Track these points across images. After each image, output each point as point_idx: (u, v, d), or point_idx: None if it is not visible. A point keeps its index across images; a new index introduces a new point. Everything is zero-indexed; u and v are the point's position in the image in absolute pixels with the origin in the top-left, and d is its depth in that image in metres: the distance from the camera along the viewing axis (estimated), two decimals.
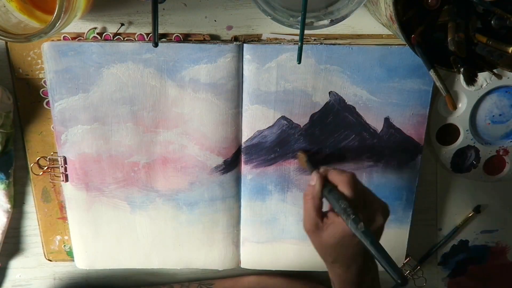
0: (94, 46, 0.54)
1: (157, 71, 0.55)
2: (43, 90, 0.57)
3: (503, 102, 0.59)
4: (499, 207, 0.65)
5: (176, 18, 0.54)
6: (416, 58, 0.51)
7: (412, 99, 0.57)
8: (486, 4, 0.43)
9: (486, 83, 0.57)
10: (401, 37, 0.44)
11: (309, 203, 0.48)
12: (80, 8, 0.46)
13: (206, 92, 0.56)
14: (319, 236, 0.48)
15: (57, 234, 0.64)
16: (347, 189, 0.47)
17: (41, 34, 0.43)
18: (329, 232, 0.47)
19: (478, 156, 0.62)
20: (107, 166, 0.59)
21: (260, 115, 0.57)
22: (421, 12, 0.45)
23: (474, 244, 0.68)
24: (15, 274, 0.67)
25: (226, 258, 0.65)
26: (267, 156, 0.60)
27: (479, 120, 0.60)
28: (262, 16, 0.53)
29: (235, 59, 0.54)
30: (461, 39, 0.42)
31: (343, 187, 0.48)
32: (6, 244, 0.65)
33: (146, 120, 0.57)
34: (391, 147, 0.59)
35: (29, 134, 0.59)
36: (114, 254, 0.64)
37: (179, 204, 0.62)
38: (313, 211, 0.48)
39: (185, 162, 0.59)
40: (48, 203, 0.62)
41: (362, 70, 0.55)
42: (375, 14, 0.51)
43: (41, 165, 0.60)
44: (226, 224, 0.63)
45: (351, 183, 0.47)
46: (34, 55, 0.55)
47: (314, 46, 0.54)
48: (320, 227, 0.48)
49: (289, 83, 0.56)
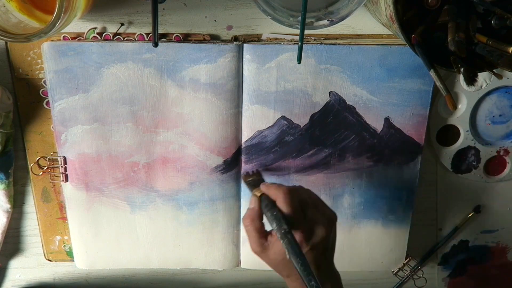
0: (94, 46, 0.54)
1: (157, 71, 0.55)
2: (43, 90, 0.57)
3: (503, 103, 0.59)
4: (499, 207, 0.65)
5: (176, 18, 0.54)
6: (416, 58, 0.51)
7: (412, 99, 0.57)
8: (486, 4, 0.43)
9: (486, 83, 0.57)
10: (401, 37, 0.44)
11: (250, 225, 0.49)
12: (80, 8, 0.46)
13: (206, 92, 0.56)
14: (267, 255, 0.49)
15: (57, 234, 0.64)
16: (282, 204, 0.48)
17: (41, 34, 0.42)
18: (274, 249, 0.48)
19: (479, 157, 0.62)
20: (107, 166, 0.59)
21: (260, 115, 0.57)
22: (421, 12, 0.45)
23: (474, 244, 0.68)
24: (15, 274, 0.67)
25: (226, 258, 0.65)
26: (267, 156, 0.60)
27: (479, 121, 0.60)
28: (262, 16, 0.53)
29: (235, 59, 0.54)
30: (461, 39, 0.42)
31: (280, 202, 0.48)
32: (6, 244, 0.65)
33: (146, 120, 0.57)
34: (391, 147, 0.59)
35: (29, 134, 0.59)
36: (114, 254, 0.64)
37: (179, 204, 0.62)
38: (256, 232, 0.49)
39: (185, 162, 0.59)
40: (48, 203, 0.62)
41: (362, 70, 0.55)
42: (375, 14, 0.51)
43: (41, 165, 0.60)
44: (226, 224, 0.63)
45: (286, 198, 0.48)
46: (34, 55, 0.55)
47: (314, 46, 0.54)
48: (266, 246, 0.49)
49: (289, 83, 0.56)
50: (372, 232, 0.64)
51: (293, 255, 0.44)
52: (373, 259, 0.65)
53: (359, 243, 0.64)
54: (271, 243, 0.48)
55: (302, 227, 0.47)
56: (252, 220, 0.49)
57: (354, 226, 0.63)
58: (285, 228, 0.46)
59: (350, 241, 0.64)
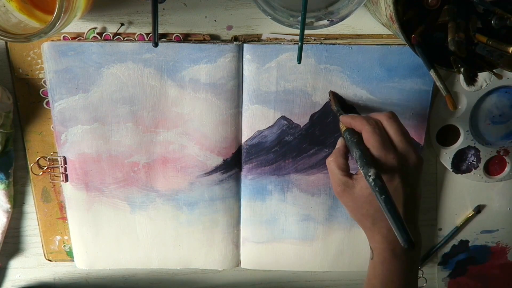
0: (94, 46, 0.54)
1: (157, 71, 0.55)
2: (43, 90, 0.57)
3: (503, 103, 0.59)
4: (499, 207, 0.65)
5: (176, 18, 0.54)
6: (416, 58, 0.51)
7: (412, 99, 0.57)
8: (486, 4, 0.43)
9: (486, 84, 0.57)
10: (401, 37, 0.44)
11: (332, 163, 0.47)
12: (80, 8, 0.46)
13: (206, 92, 0.56)
14: (351, 193, 0.45)
15: (57, 234, 0.64)
16: (368, 137, 0.44)
17: (41, 34, 0.43)
18: (362, 184, 0.45)
19: (479, 157, 0.62)
20: (107, 166, 0.59)
21: (260, 115, 0.57)
22: (421, 12, 0.45)
23: (474, 244, 0.67)
24: (15, 274, 0.67)
25: (226, 258, 0.65)
26: (267, 156, 0.60)
27: (479, 121, 0.60)
28: (262, 16, 0.53)
29: (235, 59, 0.54)
30: (461, 39, 0.42)
31: (365, 134, 0.45)
32: (6, 244, 0.65)
33: (146, 120, 0.57)
34: None
35: (29, 134, 0.59)
36: (114, 254, 0.64)
37: (179, 204, 0.62)
38: (338, 170, 0.46)
39: (185, 162, 0.59)
40: (48, 203, 0.62)
41: (362, 70, 0.55)
42: (375, 14, 0.51)
43: (41, 165, 0.60)
44: (226, 224, 0.63)
45: (372, 130, 0.44)
46: (34, 55, 0.55)
47: (314, 46, 0.54)
48: (350, 184, 0.45)
49: (289, 83, 0.56)
50: None
51: (383, 202, 0.40)
52: None
53: (359, 243, 0.64)
54: (355, 180, 0.45)
55: (392, 158, 0.43)
56: (336, 157, 0.47)
57: (354, 226, 0.63)
58: (374, 172, 0.42)
59: (350, 241, 0.64)
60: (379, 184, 0.41)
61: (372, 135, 0.45)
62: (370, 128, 0.45)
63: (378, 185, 0.41)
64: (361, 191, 0.45)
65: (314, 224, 0.63)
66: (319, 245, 0.64)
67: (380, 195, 0.41)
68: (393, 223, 0.39)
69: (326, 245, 0.64)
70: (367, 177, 0.42)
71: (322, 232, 0.63)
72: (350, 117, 0.48)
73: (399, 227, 0.39)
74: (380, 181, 0.42)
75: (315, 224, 0.63)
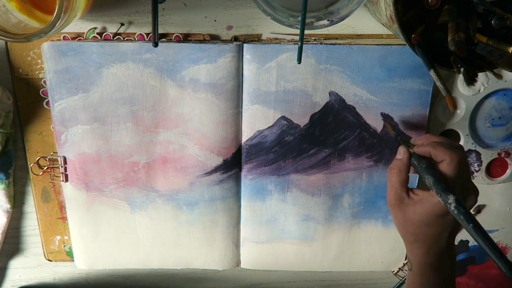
0: (94, 46, 0.54)
1: (157, 71, 0.55)
2: (43, 90, 0.57)
3: (502, 105, 0.59)
4: (499, 207, 0.65)
5: (176, 18, 0.54)
6: (416, 58, 0.51)
7: (412, 99, 0.57)
8: (486, 4, 0.43)
9: (484, 87, 0.57)
10: (401, 37, 0.44)
11: (395, 176, 0.47)
12: (80, 8, 0.46)
13: (206, 92, 0.56)
14: (404, 211, 0.47)
15: (57, 234, 0.64)
16: (450, 170, 0.45)
17: (41, 34, 0.43)
18: (415, 208, 0.46)
19: (480, 160, 0.62)
20: (107, 166, 0.59)
21: (260, 115, 0.57)
22: (421, 12, 0.45)
23: (474, 244, 0.67)
24: (15, 274, 0.67)
25: (226, 258, 0.65)
26: (267, 156, 0.60)
27: (478, 124, 0.60)
28: (262, 16, 0.53)
29: (235, 59, 0.54)
30: (461, 39, 0.42)
31: (446, 166, 0.45)
32: (6, 244, 0.65)
33: (146, 120, 0.57)
34: (391, 147, 0.59)
35: (29, 134, 0.59)
36: (114, 254, 0.64)
37: (179, 204, 0.62)
38: (399, 185, 0.47)
39: (185, 162, 0.59)
40: (48, 203, 0.62)
41: (362, 70, 0.55)
42: (375, 14, 0.51)
43: (41, 165, 0.60)
44: (226, 224, 0.63)
45: (457, 164, 0.45)
46: (34, 55, 0.55)
47: (314, 46, 0.54)
48: (406, 202, 0.47)
49: (289, 83, 0.56)
50: (372, 232, 0.64)
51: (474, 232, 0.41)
52: (373, 259, 0.65)
53: (359, 243, 0.64)
54: (412, 200, 0.46)
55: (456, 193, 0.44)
56: (399, 171, 0.47)
57: (354, 226, 0.63)
58: (454, 199, 0.42)
59: (350, 241, 0.64)
60: (463, 211, 0.42)
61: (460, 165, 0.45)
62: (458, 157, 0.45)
63: (462, 213, 0.42)
64: (414, 215, 0.46)
65: (314, 224, 0.63)
66: (319, 245, 0.64)
67: (468, 223, 0.42)
68: (492, 255, 0.40)
69: (326, 245, 0.64)
70: (447, 204, 0.43)
71: (322, 232, 0.63)
72: (431, 147, 0.47)
73: (498, 258, 0.40)
74: (463, 208, 0.42)
75: (315, 224, 0.63)
